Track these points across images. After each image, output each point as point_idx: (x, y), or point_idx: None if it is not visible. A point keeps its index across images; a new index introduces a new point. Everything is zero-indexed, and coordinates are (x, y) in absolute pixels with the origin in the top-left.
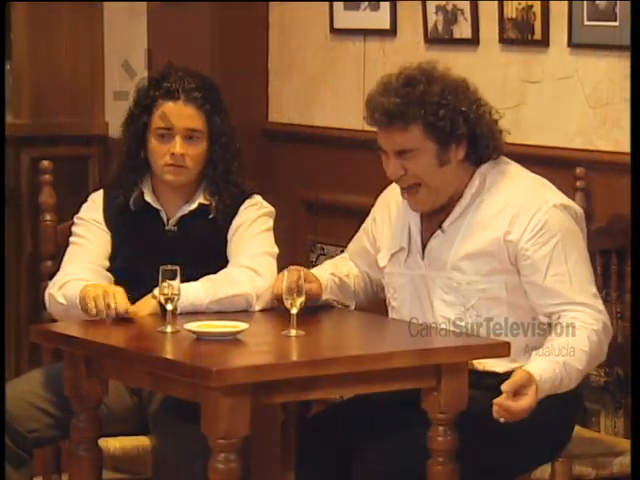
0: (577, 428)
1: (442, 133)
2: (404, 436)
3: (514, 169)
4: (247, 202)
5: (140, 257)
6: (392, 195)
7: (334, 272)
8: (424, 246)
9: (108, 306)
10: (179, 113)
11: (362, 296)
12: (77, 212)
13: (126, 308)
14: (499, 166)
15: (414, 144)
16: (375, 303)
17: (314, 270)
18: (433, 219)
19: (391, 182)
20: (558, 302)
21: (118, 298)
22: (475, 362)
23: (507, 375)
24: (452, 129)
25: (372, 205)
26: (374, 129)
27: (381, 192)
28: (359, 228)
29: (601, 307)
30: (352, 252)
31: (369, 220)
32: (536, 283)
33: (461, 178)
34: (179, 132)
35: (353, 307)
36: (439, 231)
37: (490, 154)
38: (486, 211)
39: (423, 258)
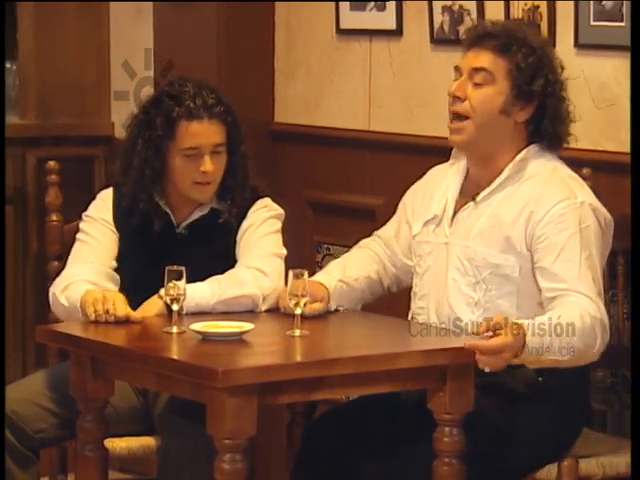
0: (583, 429)
1: (521, 80)
2: (407, 450)
3: (558, 164)
4: (256, 204)
5: (149, 260)
6: (425, 180)
7: (342, 278)
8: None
9: (107, 312)
10: (205, 132)
11: (369, 296)
12: (84, 210)
13: (126, 314)
14: (545, 156)
15: (494, 70)
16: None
17: (322, 274)
18: (469, 193)
19: (400, 183)
20: (562, 287)
21: (117, 304)
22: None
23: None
24: (530, 81)
25: (377, 205)
26: (379, 131)
27: (388, 192)
28: (364, 228)
29: (602, 306)
30: (387, 238)
31: (400, 208)
32: (545, 267)
33: (508, 145)
34: (207, 150)
35: (359, 309)
36: (472, 202)
37: (548, 139)
38: (519, 194)
39: (450, 227)
